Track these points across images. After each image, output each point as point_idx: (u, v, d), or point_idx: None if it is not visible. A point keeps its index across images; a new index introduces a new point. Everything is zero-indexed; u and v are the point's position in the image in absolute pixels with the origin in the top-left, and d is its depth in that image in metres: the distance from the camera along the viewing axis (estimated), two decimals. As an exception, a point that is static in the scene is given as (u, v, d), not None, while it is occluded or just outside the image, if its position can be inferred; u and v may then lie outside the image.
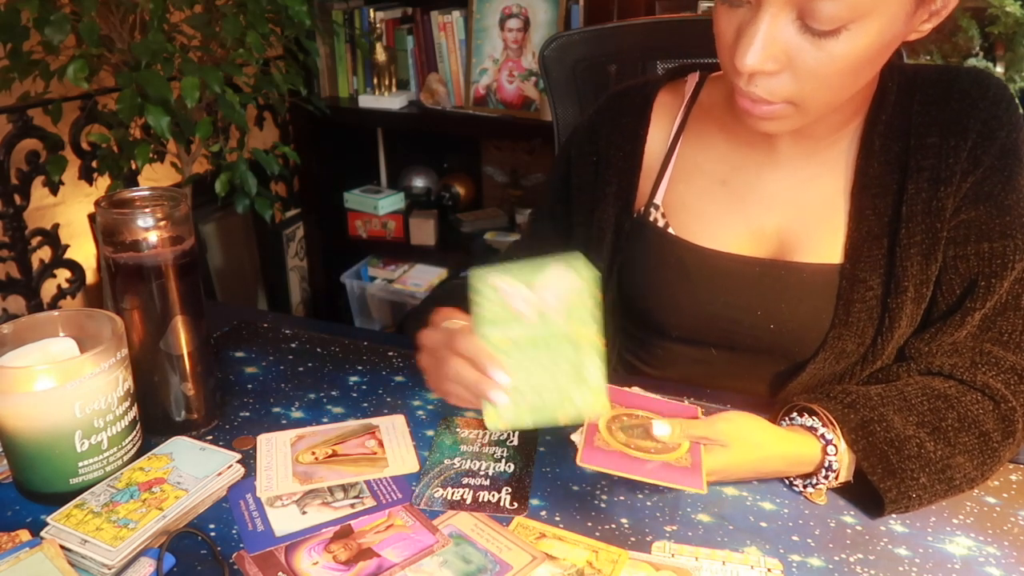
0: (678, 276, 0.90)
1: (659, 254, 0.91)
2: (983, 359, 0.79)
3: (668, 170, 0.92)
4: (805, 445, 0.74)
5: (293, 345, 1.04)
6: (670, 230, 0.91)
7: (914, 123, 0.82)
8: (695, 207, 0.90)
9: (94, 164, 1.77)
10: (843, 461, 0.73)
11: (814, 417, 0.76)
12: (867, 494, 0.74)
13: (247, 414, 0.89)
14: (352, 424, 0.87)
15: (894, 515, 0.73)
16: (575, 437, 0.73)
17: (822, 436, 0.74)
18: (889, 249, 0.82)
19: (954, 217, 0.81)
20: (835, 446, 0.73)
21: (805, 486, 0.75)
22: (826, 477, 0.74)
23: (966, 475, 0.74)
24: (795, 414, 0.78)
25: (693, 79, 0.95)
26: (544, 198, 1.05)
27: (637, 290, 0.94)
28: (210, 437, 0.85)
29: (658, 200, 0.92)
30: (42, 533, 0.69)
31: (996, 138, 0.79)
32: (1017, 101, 0.81)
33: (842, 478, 0.74)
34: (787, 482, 0.77)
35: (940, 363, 0.80)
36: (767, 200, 0.88)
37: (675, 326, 0.93)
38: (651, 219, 0.92)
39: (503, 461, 0.80)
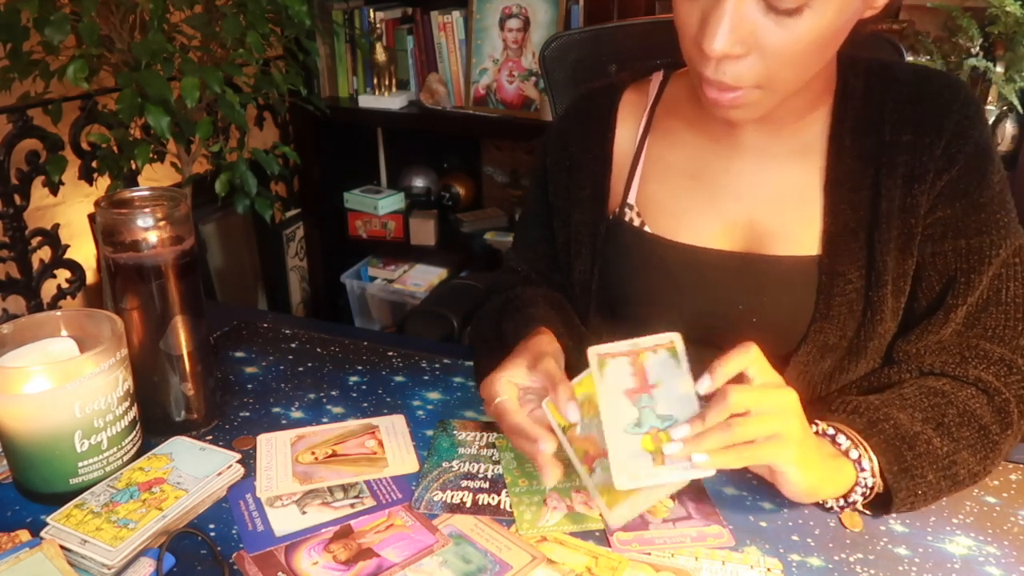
0: (658, 273, 0.91)
1: (637, 253, 0.92)
2: (972, 353, 0.80)
3: (638, 169, 0.93)
4: (824, 441, 0.73)
5: (293, 345, 1.04)
6: (646, 228, 0.91)
7: (887, 120, 0.82)
8: (668, 204, 0.91)
9: (94, 164, 1.77)
10: (873, 463, 0.72)
11: (821, 423, 0.75)
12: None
13: (247, 414, 0.89)
14: (352, 424, 0.87)
15: (894, 515, 0.73)
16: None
17: (833, 439, 0.73)
18: (866, 243, 0.83)
19: (930, 215, 0.82)
20: (856, 448, 0.72)
21: (843, 507, 0.73)
22: (862, 485, 0.72)
23: (969, 470, 0.74)
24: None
25: (657, 77, 0.95)
26: (527, 210, 1.06)
27: (619, 290, 0.95)
28: (210, 437, 0.85)
29: (631, 200, 0.92)
30: (42, 533, 0.69)
31: (969, 138, 0.80)
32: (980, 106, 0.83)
33: (877, 484, 0.72)
34: (822, 504, 0.74)
35: (930, 362, 0.81)
36: (737, 192, 0.88)
37: (658, 324, 0.93)
38: (626, 219, 0.93)
39: (502, 463, 0.80)
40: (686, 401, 0.68)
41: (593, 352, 0.73)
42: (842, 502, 0.73)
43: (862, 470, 0.71)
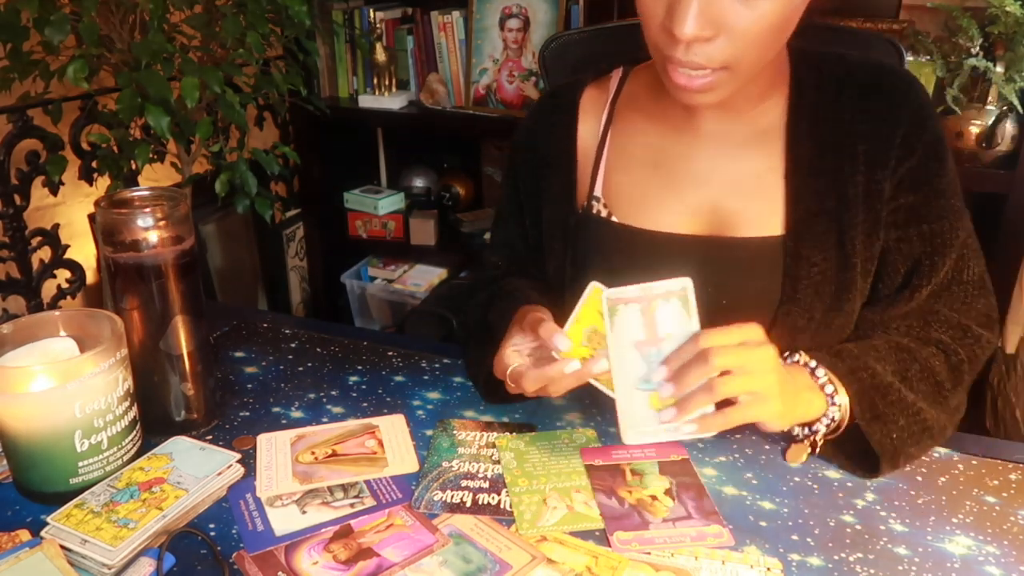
0: (627, 261, 0.93)
1: (607, 243, 0.94)
2: (934, 318, 0.87)
3: (602, 162, 0.96)
4: (802, 372, 0.79)
5: (293, 345, 1.04)
6: (613, 218, 0.94)
7: (845, 110, 0.87)
8: (633, 194, 0.94)
9: (94, 164, 1.77)
10: (844, 400, 0.77)
11: (803, 355, 0.81)
12: (854, 456, 0.79)
13: (247, 414, 0.89)
14: (352, 424, 0.87)
15: (893, 515, 0.74)
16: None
17: (813, 371, 0.79)
18: (832, 228, 0.87)
19: (893, 201, 0.86)
20: (831, 384, 0.78)
21: (807, 436, 0.80)
22: (828, 417, 0.77)
23: (934, 418, 0.81)
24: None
25: (617, 73, 0.99)
26: (501, 208, 1.09)
27: (592, 280, 0.96)
28: (210, 437, 0.85)
29: (598, 192, 0.95)
30: (42, 533, 0.69)
31: (926, 127, 0.85)
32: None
33: (845, 419, 0.78)
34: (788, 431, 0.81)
35: (895, 327, 0.88)
36: (699, 177, 0.91)
37: None
38: (594, 211, 0.95)
39: (502, 463, 0.80)
40: None
41: (605, 296, 0.75)
42: (806, 430, 0.80)
43: (833, 404, 0.77)
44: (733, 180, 0.90)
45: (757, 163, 0.89)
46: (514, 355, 0.81)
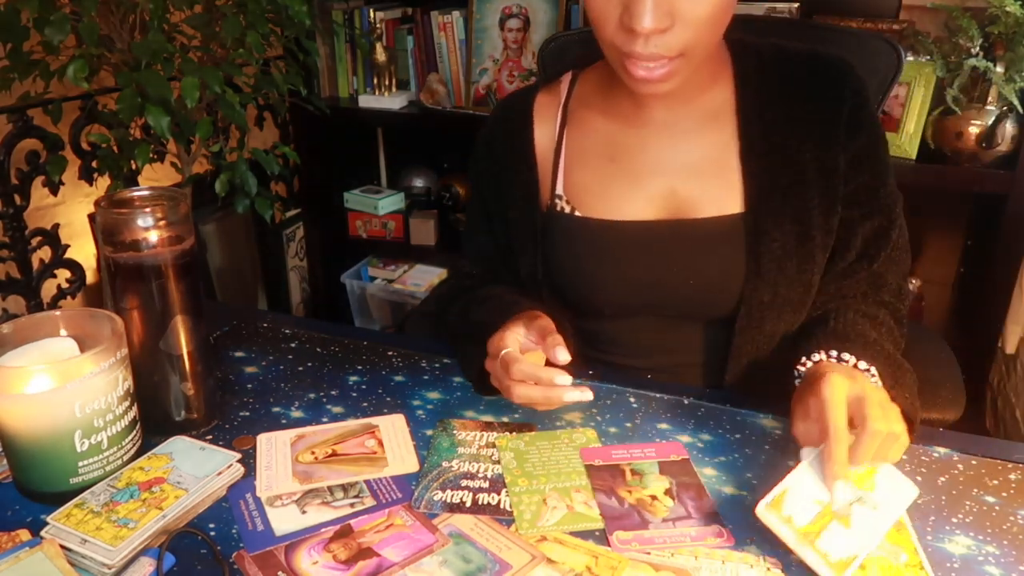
0: (595, 253, 0.96)
1: (574, 238, 0.97)
2: (881, 281, 0.95)
3: (561, 161, 0.99)
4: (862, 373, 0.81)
5: (293, 345, 1.04)
6: (577, 213, 0.97)
7: (792, 92, 0.92)
8: (593, 188, 0.97)
9: (94, 164, 1.77)
10: (878, 379, 0.81)
11: (852, 358, 0.82)
12: None
13: (247, 414, 0.89)
14: (352, 424, 0.87)
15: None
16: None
17: (855, 365, 0.81)
18: (790, 203, 0.91)
19: (851, 180, 0.92)
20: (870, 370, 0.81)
21: None
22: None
23: (912, 372, 0.86)
24: (804, 363, 0.84)
25: (567, 78, 1.03)
26: (470, 220, 1.12)
27: (563, 278, 1.00)
28: (210, 437, 0.85)
29: (559, 190, 0.99)
30: (42, 533, 0.69)
31: (867, 106, 0.93)
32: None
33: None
34: None
35: (853, 294, 0.94)
36: (655, 165, 0.95)
37: (605, 302, 0.99)
38: (558, 209, 0.98)
39: (502, 462, 0.80)
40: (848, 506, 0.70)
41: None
42: None
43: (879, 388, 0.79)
44: (687, 164, 0.94)
45: (710, 146, 0.93)
46: (515, 340, 0.83)
